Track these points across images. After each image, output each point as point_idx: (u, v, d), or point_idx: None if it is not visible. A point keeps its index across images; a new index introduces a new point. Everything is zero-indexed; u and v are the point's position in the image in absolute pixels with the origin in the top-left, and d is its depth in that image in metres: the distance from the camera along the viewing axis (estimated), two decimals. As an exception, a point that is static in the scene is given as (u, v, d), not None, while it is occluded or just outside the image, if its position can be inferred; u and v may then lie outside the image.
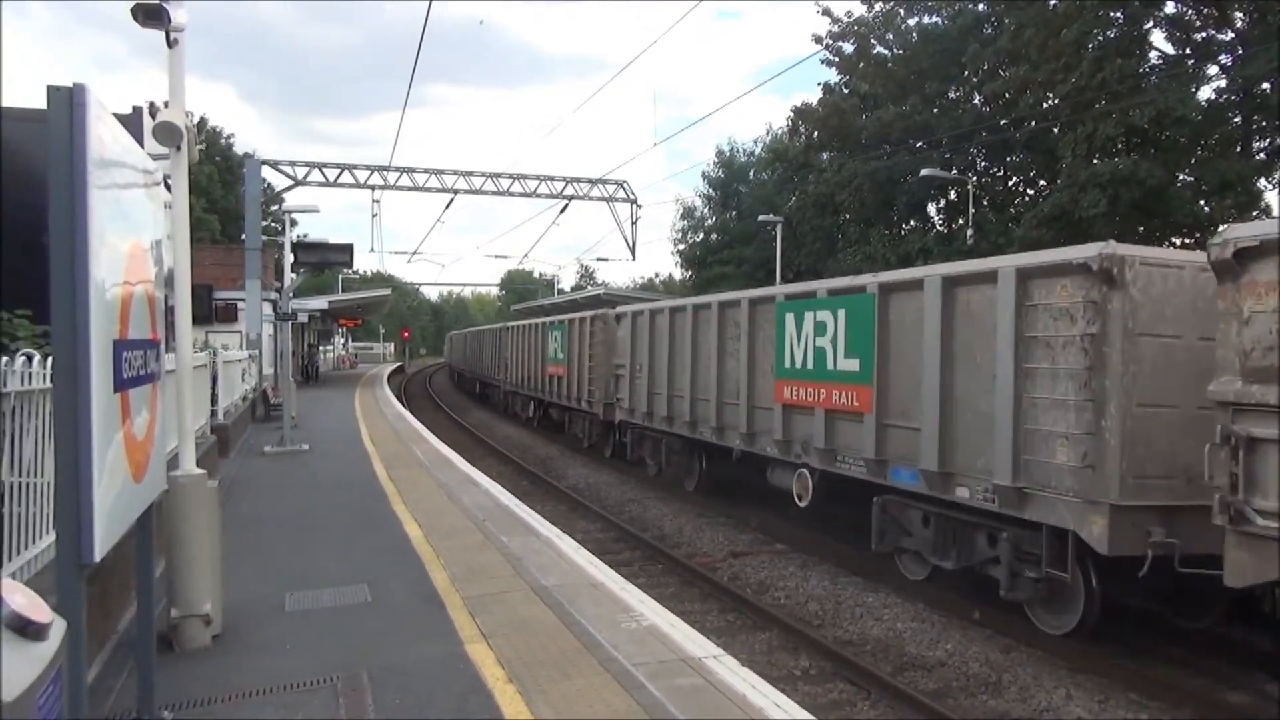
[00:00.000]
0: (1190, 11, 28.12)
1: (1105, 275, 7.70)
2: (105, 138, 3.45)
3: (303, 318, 32.11)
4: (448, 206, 34.66)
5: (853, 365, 11.02)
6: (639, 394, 18.14)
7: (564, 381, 24.50)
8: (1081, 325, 7.89)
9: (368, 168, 32.18)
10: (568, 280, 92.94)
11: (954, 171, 31.78)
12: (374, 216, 33.80)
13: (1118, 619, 8.78)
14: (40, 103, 3.21)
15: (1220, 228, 8.88)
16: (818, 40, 37.70)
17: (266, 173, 31.92)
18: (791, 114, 40.66)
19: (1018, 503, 8.50)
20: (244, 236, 30.07)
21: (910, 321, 10.12)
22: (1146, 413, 7.68)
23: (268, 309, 26.11)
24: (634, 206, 35.53)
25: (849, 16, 37.62)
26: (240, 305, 28.01)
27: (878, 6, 36.76)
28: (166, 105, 6.00)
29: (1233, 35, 27.35)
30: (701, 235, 56.13)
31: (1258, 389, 6.34)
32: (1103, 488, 7.64)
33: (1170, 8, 27.97)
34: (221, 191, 56.29)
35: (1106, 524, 7.59)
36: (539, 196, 34.44)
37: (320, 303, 36.61)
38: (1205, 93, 28.25)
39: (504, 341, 34.58)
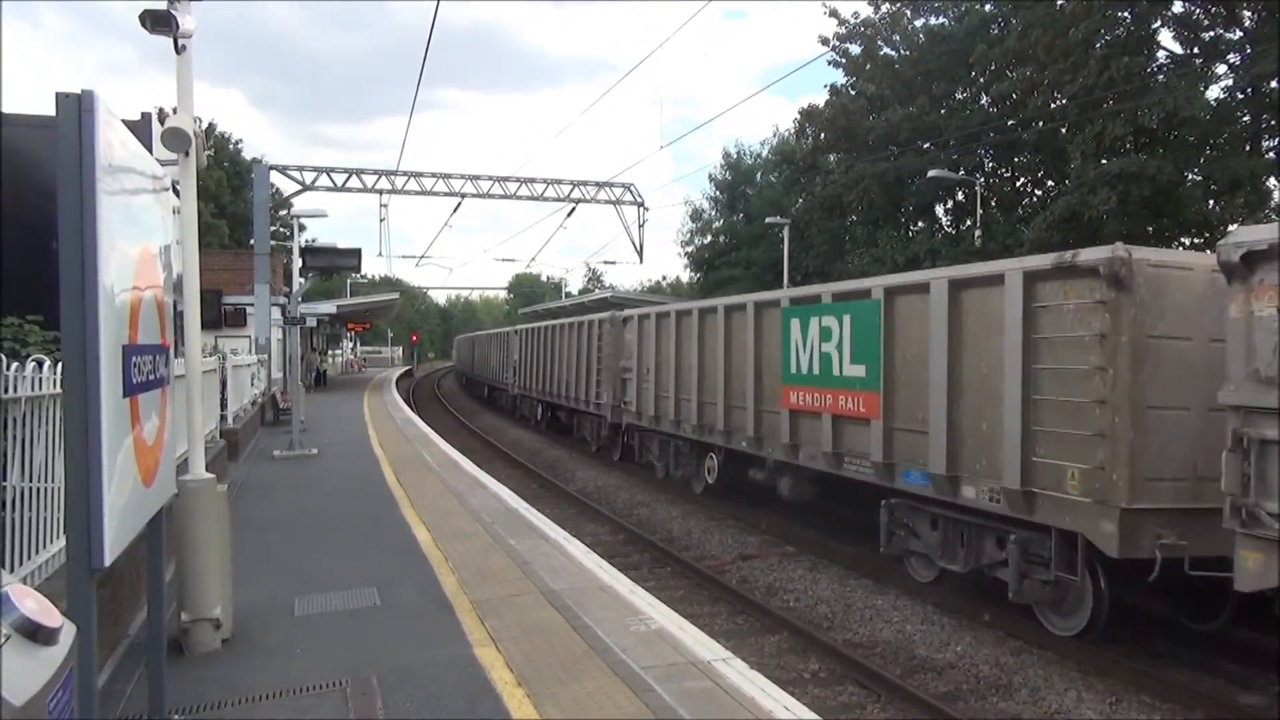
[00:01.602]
0: (1198, 10, 27.99)
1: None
2: (114, 143, 3.47)
3: (311, 322, 32.22)
4: (455, 210, 34.55)
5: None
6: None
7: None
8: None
9: (375, 172, 32.27)
10: (575, 283, 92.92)
11: (961, 172, 31.71)
12: (382, 221, 34.01)
13: (1129, 621, 8.73)
14: (50, 109, 3.23)
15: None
16: (824, 42, 37.68)
17: (275, 178, 32.07)
18: (799, 115, 40.67)
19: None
20: (253, 241, 30.23)
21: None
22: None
23: (276, 313, 26.19)
24: (641, 209, 35.56)
25: (856, 18, 37.65)
26: (249, 310, 28.14)
27: (885, 7, 36.73)
28: (175, 111, 6.03)
29: (1241, 34, 27.22)
30: (709, 237, 56.12)
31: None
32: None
33: (1178, 7, 27.86)
34: (230, 197, 56.48)
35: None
36: (546, 199, 34.49)
37: (329, 307, 36.74)
38: (1214, 91, 28.15)
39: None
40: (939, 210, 39.04)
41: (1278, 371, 6.27)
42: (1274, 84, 25.16)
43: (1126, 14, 27.05)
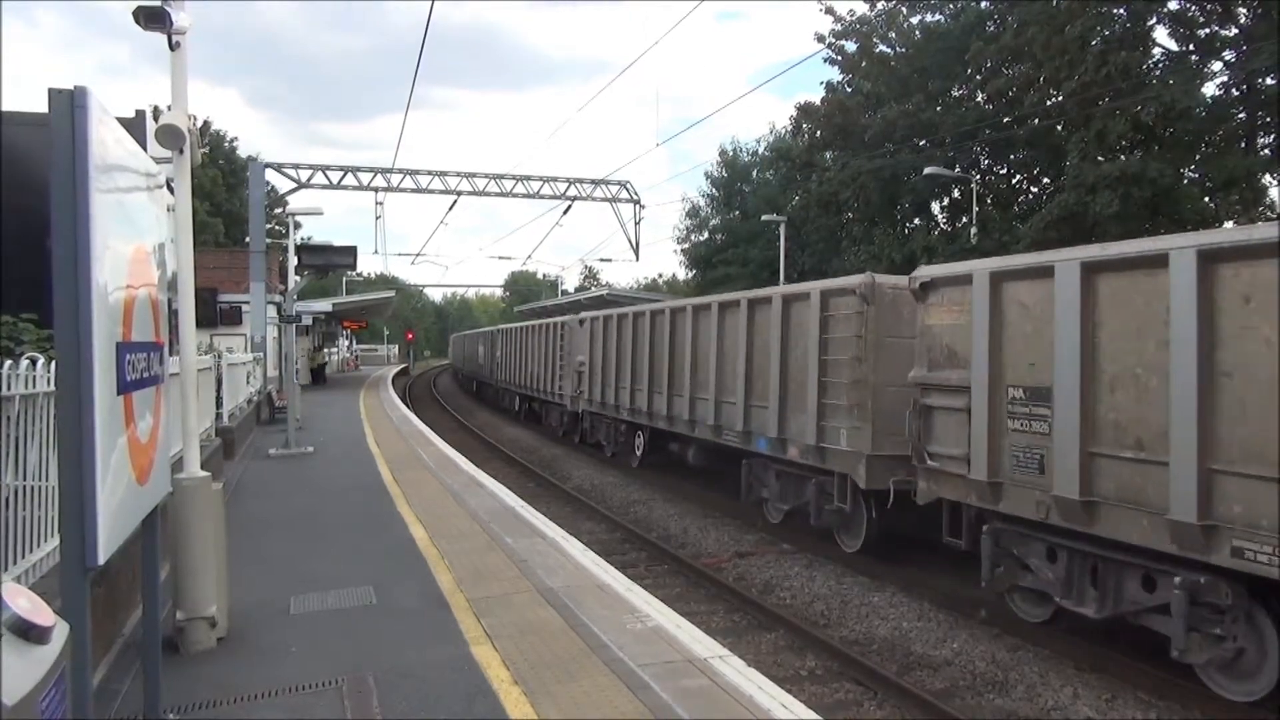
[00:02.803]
0: (1194, 7, 28.03)
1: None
2: (107, 140, 3.46)
3: (307, 320, 32.16)
4: (451, 208, 34.54)
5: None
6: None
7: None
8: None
9: (371, 170, 32.21)
10: (571, 281, 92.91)
11: (957, 170, 31.73)
12: (378, 219, 33.82)
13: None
14: (44, 108, 3.22)
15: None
16: (820, 39, 37.70)
17: (270, 176, 31.97)
18: (795, 112, 40.65)
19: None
20: (248, 240, 30.16)
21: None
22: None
23: (272, 312, 26.15)
24: (637, 207, 35.53)
25: (852, 15, 37.66)
26: (245, 308, 28.09)
27: (880, 4, 36.70)
28: (169, 108, 6.00)
29: (1236, 30, 27.26)
30: (706, 235, 56.11)
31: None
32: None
33: (1173, 4, 27.89)
34: (225, 195, 56.39)
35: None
36: (542, 197, 34.46)
37: (324, 305, 36.64)
38: (1209, 89, 28.20)
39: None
40: (935, 208, 39.08)
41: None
42: (1269, 81, 25.19)
43: (1122, 10, 27.08)
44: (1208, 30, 28.25)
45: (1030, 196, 35.53)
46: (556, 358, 25.39)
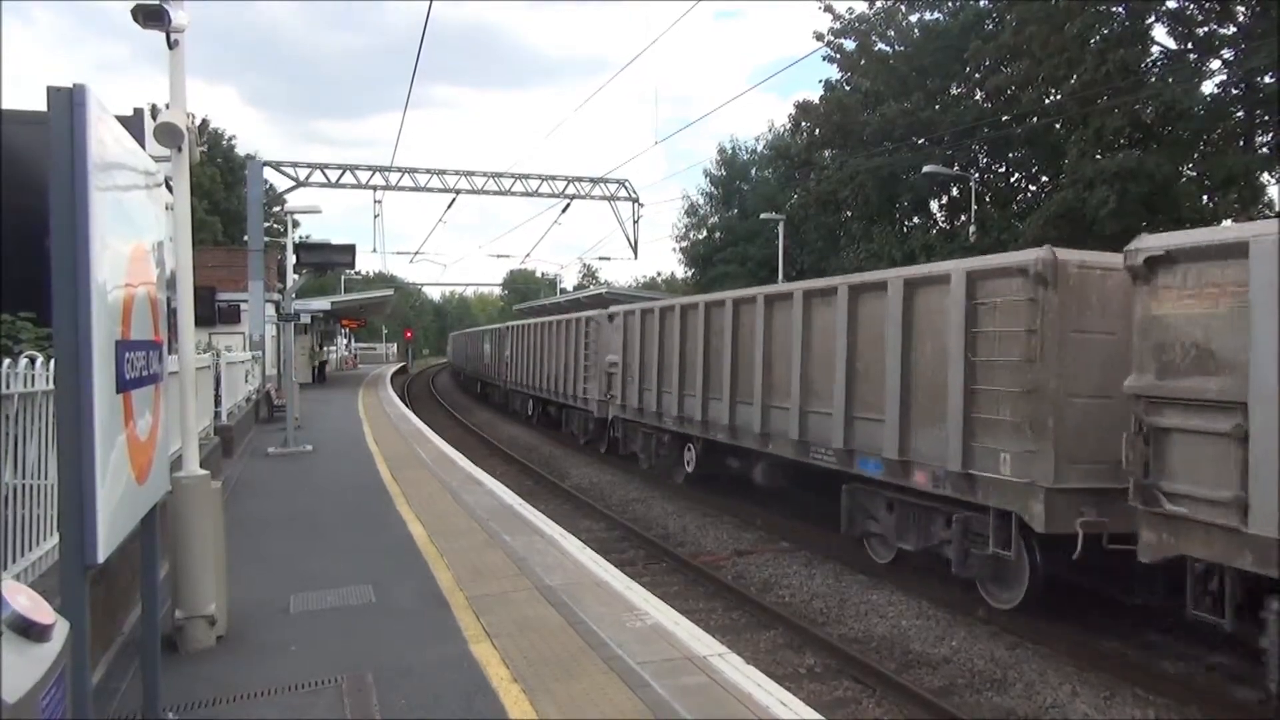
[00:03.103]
0: (1192, 5, 28.02)
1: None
2: (106, 139, 3.45)
3: (305, 318, 32.15)
4: (450, 206, 34.69)
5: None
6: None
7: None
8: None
9: (370, 168, 32.21)
10: (570, 280, 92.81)
11: (956, 168, 31.73)
12: (376, 217, 33.87)
13: (1124, 615, 8.76)
14: (42, 106, 3.21)
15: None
16: (819, 37, 37.68)
17: (269, 174, 31.96)
18: (794, 110, 40.64)
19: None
20: (246, 238, 30.14)
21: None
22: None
23: (270, 310, 26.12)
24: (636, 205, 35.54)
25: (850, 13, 37.65)
26: (243, 307, 28.06)
27: (879, 3, 36.71)
28: (168, 106, 6.00)
29: (1235, 29, 27.26)
30: (705, 233, 56.10)
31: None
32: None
33: (1172, 2, 27.89)
34: (224, 193, 56.32)
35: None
36: (541, 196, 34.47)
37: (323, 304, 36.62)
38: (1208, 87, 28.21)
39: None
40: (934, 206, 39.10)
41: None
42: (1268, 79, 25.20)
43: (1121, 9, 27.07)
44: (1206, 29, 28.25)
45: (1029, 195, 35.54)
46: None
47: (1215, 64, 28.01)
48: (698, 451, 16.35)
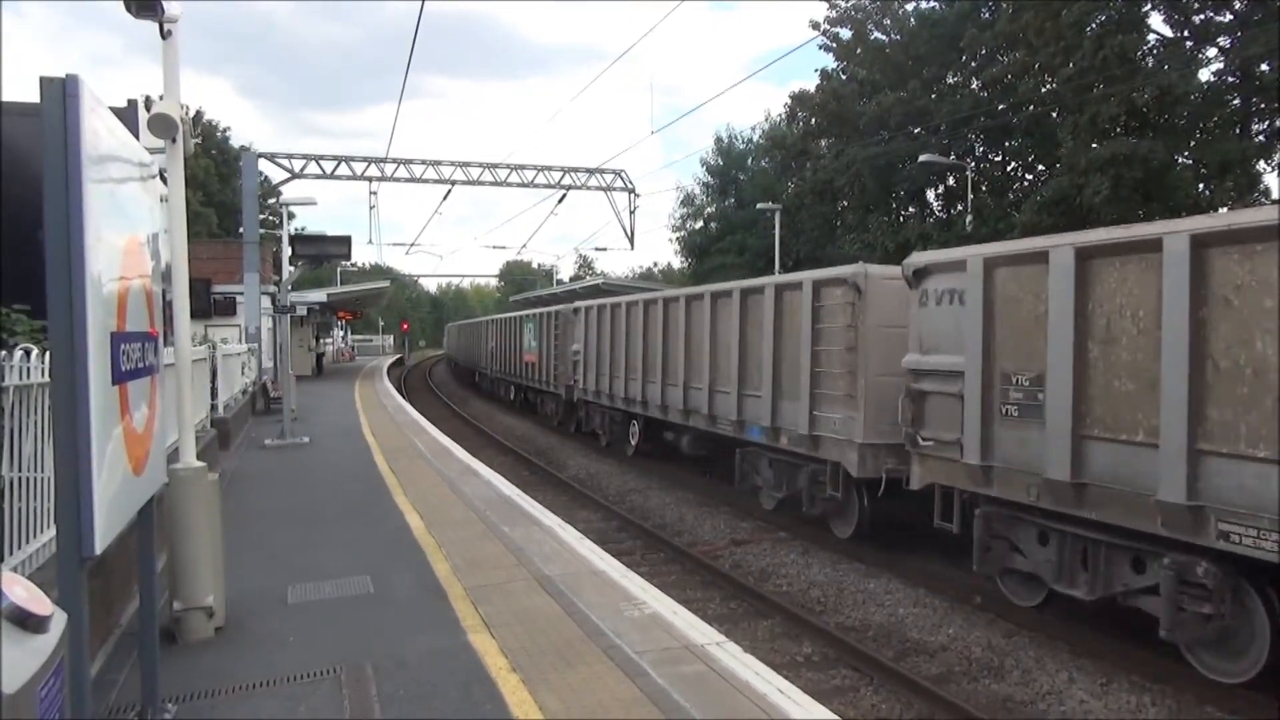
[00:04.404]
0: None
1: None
2: (100, 130, 3.43)
3: (301, 310, 32.10)
4: (445, 197, 34.40)
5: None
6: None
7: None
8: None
9: (365, 159, 32.12)
10: (566, 270, 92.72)
11: (952, 157, 31.69)
12: (371, 208, 33.77)
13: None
14: (34, 98, 3.19)
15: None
16: (815, 26, 37.60)
17: (263, 166, 31.87)
18: (790, 100, 40.55)
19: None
20: (241, 230, 30.07)
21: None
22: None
23: (266, 302, 26.07)
24: (632, 196, 35.51)
25: (846, 2, 37.49)
26: (239, 299, 28.01)
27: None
28: (161, 98, 5.97)
29: (1232, 16, 27.22)
30: (701, 223, 56.00)
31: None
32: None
33: (1168, -10, 27.83)
34: (219, 185, 56.09)
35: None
36: (537, 186, 34.39)
37: (319, 295, 36.53)
38: (1204, 74, 28.18)
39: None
40: (930, 195, 39.06)
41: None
42: (1265, 67, 25.17)
43: (1117, -4, 27.01)
44: (1203, 16, 28.21)
45: (1025, 183, 35.51)
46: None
47: (1212, 51, 28.00)
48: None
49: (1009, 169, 37.11)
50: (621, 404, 19.30)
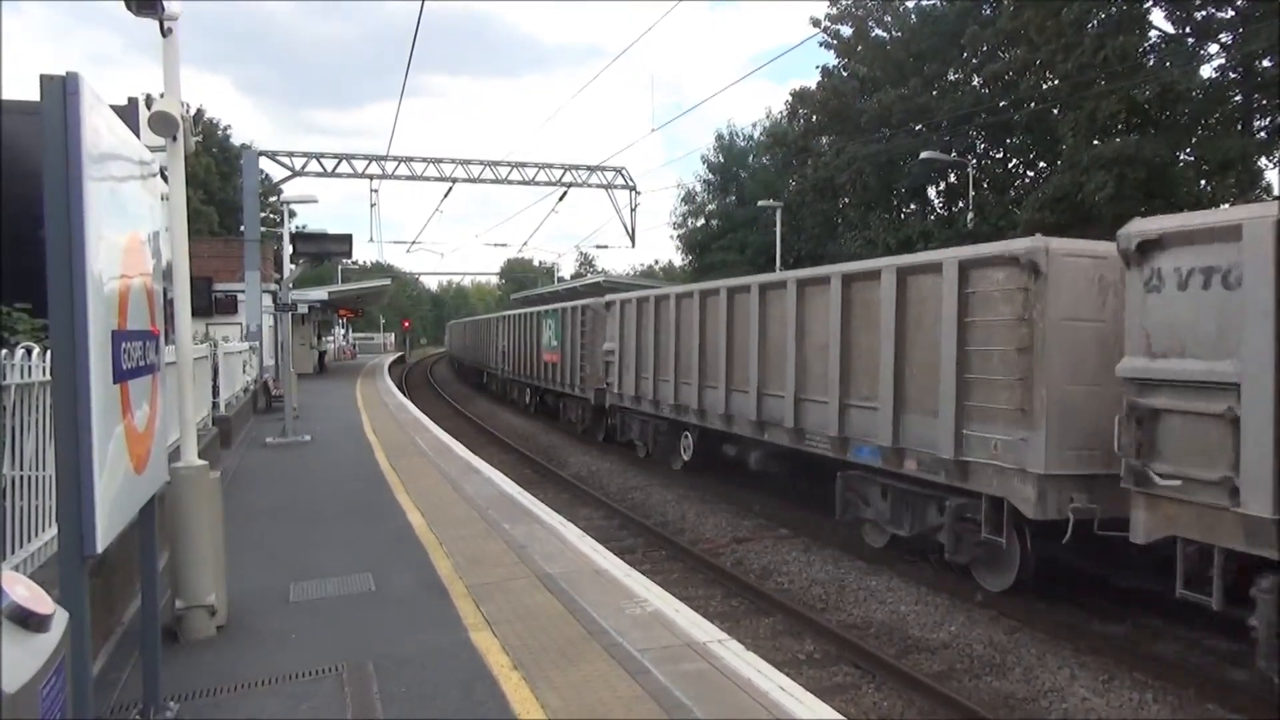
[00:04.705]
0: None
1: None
2: (100, 128, 3.43)
3: (302, 309, 32.09)
4: (446, 195, 34.40)
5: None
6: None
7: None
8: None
9: (366, 157, 32.08)
10: (567, 268, 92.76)
11: (954, 154, 31.66)
12: (372, 206, 33.69)
13: (1121, 600, 8.79)
14: (34, 96, 3.18)
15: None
16: (816, 23, 37.57)
17: (264, 164, 31.86)
18: (790, 97, 40.54)
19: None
20: (242, 228, 30.06)
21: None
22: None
23: (267, 300, 26.07)
24: (633, 193, 35.46)
25: (847, -1, 37.48)
26: (240, 297, 28.00)
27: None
28: (162, 96, 5.96)
29: (1233, 13, 27.16)
30: (702, 220, 55.97)
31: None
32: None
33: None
34: (219, 183, 56.09)
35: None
36: (537, 184, 34.35)
37: (320, 293, 36.53)
38: (1206, 71, 28.13)
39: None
40: (931, 192, 39.03)
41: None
42: (1266, 63, 25.13)
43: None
44: (1204, 12, 28.15)
45: (1026, 180, 35.49)
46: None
47: (1213, 48, 27.94)
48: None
49: (1010, 166, 37.09)
50: (669, 412, 16.76)
